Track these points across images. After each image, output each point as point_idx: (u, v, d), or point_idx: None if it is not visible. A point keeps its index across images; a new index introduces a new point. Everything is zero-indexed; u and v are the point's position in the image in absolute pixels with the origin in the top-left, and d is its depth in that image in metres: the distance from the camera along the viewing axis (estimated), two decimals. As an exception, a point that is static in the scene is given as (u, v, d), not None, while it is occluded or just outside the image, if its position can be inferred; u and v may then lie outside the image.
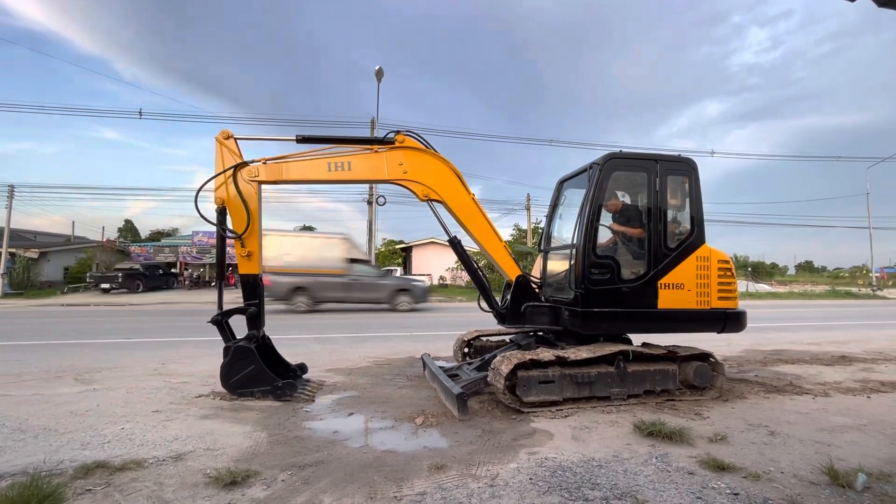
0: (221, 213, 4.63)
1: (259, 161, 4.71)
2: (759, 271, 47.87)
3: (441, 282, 30.94)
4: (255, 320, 4.72)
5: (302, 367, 5.21)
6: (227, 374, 4.41)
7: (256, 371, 4.41)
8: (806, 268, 79.10)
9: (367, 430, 3.65)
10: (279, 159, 4.75)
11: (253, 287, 4.74)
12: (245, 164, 4.67)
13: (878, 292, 29.09)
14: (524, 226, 31.37)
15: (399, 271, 28.52)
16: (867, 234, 32.71)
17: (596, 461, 2.98)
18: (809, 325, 11.83)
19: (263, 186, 4.83)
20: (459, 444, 3.33)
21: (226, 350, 4.48)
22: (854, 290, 30.81)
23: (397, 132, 4.84)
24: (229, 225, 4.65)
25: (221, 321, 4.59)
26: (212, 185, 4.68)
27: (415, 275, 28.56)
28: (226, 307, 4.62)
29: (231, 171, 4.59)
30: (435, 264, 31.23)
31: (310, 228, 57.84)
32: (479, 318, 5.02)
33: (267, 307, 5.09)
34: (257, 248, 4.72)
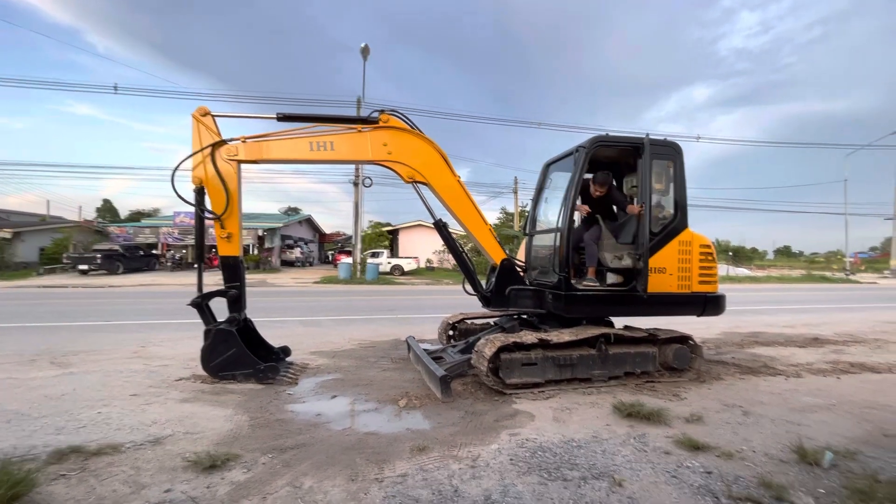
0: (199, 192, 4.50)
1: (238, 139, 4.56)
2: (740, 256, 49.00)
3: (428, 264, 30.95)
4: (237, 303, 4.65)
5: (285, 350, 5.17)
6: (207, 357, 4.36)
7: (238, 354, 4.36)
8: (784, 252, 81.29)
9: (351, 413, 3.65)
10: (259, 138, 4.61)
11: (234, 269, 4.65)
12: (223, 142, 4.52)
13: (851, 277, 30.04)
14: (511, 209, 31.38)
15: (386, 254, 28.40)
16: (843, 221, 33.61)
17: (575, 442, 3.03)
18: (786, 308, 12.17)
19: (245, 166, 4.69)
20: (442, 425, 3.36)
21: (206, 333, 4.41)
22: (829, 274, 31.76)
23: (381, 111, 4.73)
24: (208, 205, 4.54)
25: (201, 304, 4.51)
26: (189, 163, 4.53)
27: (402, 257, 28.50)
28: (207, 289, 4.53)
29: (209, 149, 4.45)
30: (422, 247, 31.16)
31: (295, 210, 57.04)
32: (465, 301, 5.03)
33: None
34: (238, 229, 4.61)
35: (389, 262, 26.56)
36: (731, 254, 44.49)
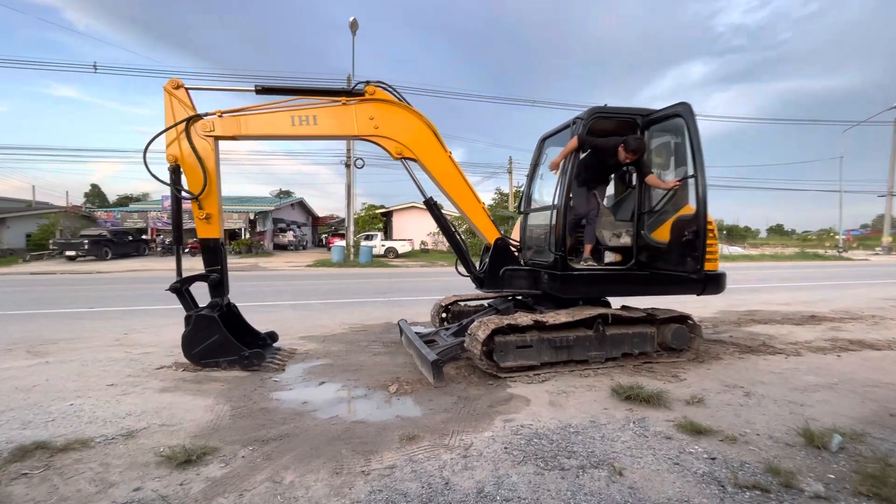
0: (175, 171, 4.24)
1: (214, 114, 4.28)
2: (734, 234, 49.18)
3: (422, 246, 30.73)
4: (218, 287, 4.44)
5: (272, 336, 4.99)
6: (189, 344, 4.17)
7: (221, 340, 4.17)
8: (777, 230, 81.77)
9: (338, 400, 3.50)
10: (237, 112, 4.32)
11: (214, 252, 4.42)
12: (198, 116, 4.23)
13: (844, 254, 30.23)
14: (506, 189, 31.08)
15: (380, 236, 28.12)
16: (836, 198, 33.66)
17: (573, 427, 2.90)
18: (780, 285, 12.14)
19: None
20: (433, 412, 3.22)
21: (187, 319, 4.22)
22: (821, 251, 31.94)
23: (367, 83, 4.45)
24: (185, 185, 4.28)
25: (181, 289, 4.30)
26: (163, 141, 4.25)
27: (396, 240, 28.24)
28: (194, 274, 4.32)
29: (183, 125, 4.17)
30: (416, 229, 30.87)
31: (287, 193, 56.29)
32: (459, 283, 4.86)
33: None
34: (217, 209, 4.36)
35: (383, 245, 26.30)
36: (725, 232, 44.62)
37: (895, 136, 33.69)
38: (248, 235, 29.30)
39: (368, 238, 26.54)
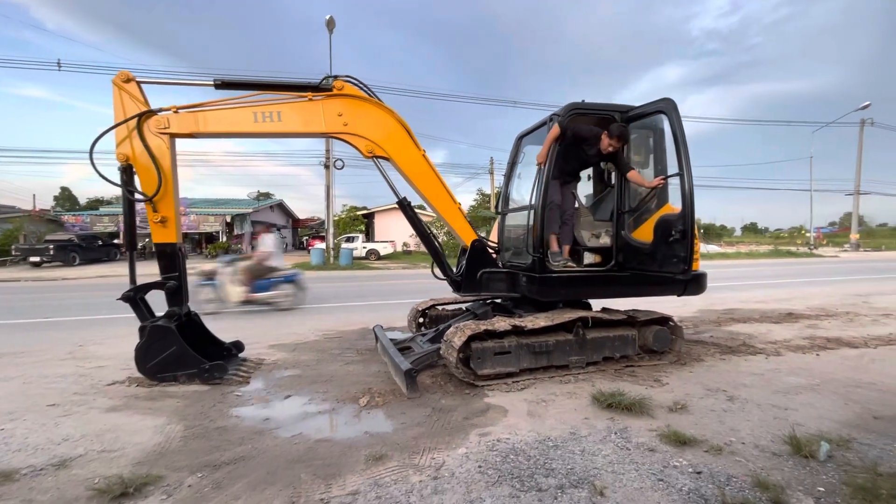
0: (126, 171, 3.94)
1: (169, 109, 3.99)
2: (710, 233, 50.28)
3: (405, 248, 30.44)
4: (176, 295, 4.14)
5: (238, 346, 4.71)
6: (143, 358, 3.87)
7: (178, 352, 3.88)
8: (751, 229, 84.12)
9: (304, 416, 3.25)
10: (194, 108, 4.04)
11: (171, 258, 4.13)
12: (151, 112, 3.94)
13: (815, 251, 31.13)
14: (488, 190, 31.03)
15: (361, 238, 27.71)
16: (807, 197, 34.65)
17: (552, 441, 2.73)
18: (756, 283, 12.32)
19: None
20: (405, 426, 3.01)
21: (141, 330, 3.92)
22: (794, 249, 32.84)
23: (335, 77, 4.22)
24: (138, 186, 3.98)
25: (134, 297, 4.00)
26: (114, 139, 3.94)
27: (378, 241, 27.88)
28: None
29: (134, 121, 3.87)
30: (399, 230, 30.48)
31: (267, 195, 55.22)
32: (441, 286, 4.66)
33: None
34: (174, 212, 4.08)
35: (365, 247, 25.92)
36: (702, 231, 45.54)
37: (861, 137, 34.91)
38: (224, 239, 28.52)
39: (350, 240, 26.11)
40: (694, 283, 4.30)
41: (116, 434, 2.87)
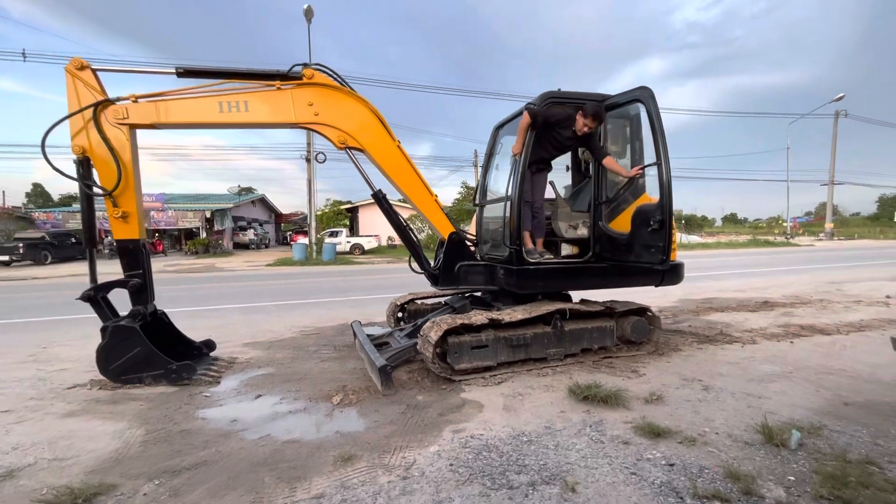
0: (83, 164, 3.75)
1: (127, 99, 3.79)
2: (692, 223, 51.14)
3: (390, 242, 30.21)
4: (141, 293, 3.97)
5: (209, 344, 4.55)
6: (105, 359, 3.70)
7: (144, 353, 3.73)
8: (731, 219, 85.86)
9: (273, 416, 3.14)
10: (155, 97, 3.85)
11: (134, 255, 3.95)
12: (109, 102, 3.74)
13: (791, 240, 31.91)
14: (472, 183, 30.92)
15: (345, 233, 27.40)
16: (784, 187, 35.46)
17: (526, 436, 2.68)
18: (735, 272, 12.53)
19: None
20: (378, 425, 2.93)
21: (103, 331, 3.74)
22: (771, 238, 33.61)
23: (305, 65, 4.06)
24: (97, 180, 3.80)
25: (95, 296, 3.82)
26: (70, 130, 3.73)
27: (362, 236, 27.61)
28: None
29: (90, 111, 3.67)
30: (384, 225, 30.17)
31: (249, 190, 54.18)
32: (425, 280, 4.56)
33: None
34: (135, 207, 3.89)
35: (349, 241, 25.64)
36: (683, 222, 46.29)
37: (836, 128, 35.76)
38: (205, 235, 27.92)
39: (333, 235, 25.81)
40: (672, 273, 4.30)
41: (71, 441, 2.73)
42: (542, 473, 2.24)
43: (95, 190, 3.81)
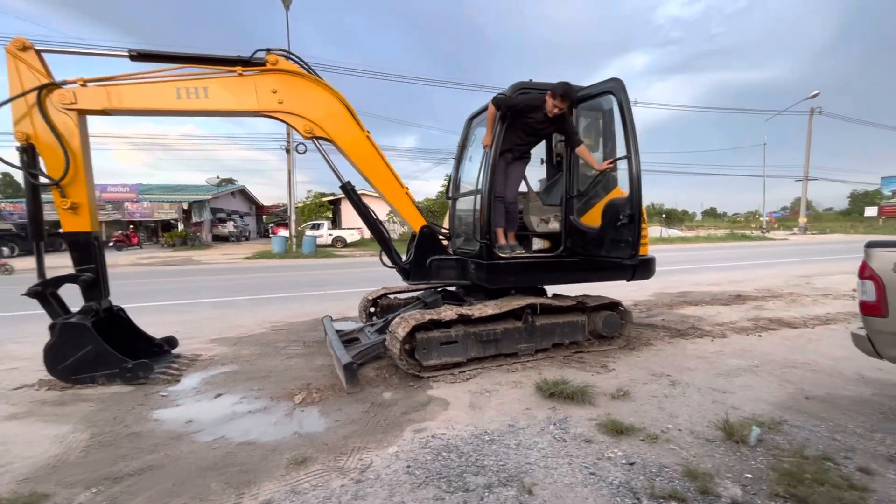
0: (27, 152, 3.52)
1: (75, 82, 3.57)
2: (672, 218, 52.00)
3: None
4: (93, 289, 3.78)
5: (171, 341, 4.39)
6: (53, 358, 3.52)
7: (96, 351, 3.55)
8: (710, 213, 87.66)
9: (231, 416, 3.03)
10: (105, 81, 3.64)
11: (85, 248, 3.76)
12: (54, 85, 3.52)
13: (767, 234, 32.71)
14: (457, 176, 30.76)
15: (327, 225, 27.00)
16: (761, 182, 36.24)
17: (488, 435, 2.62)
18: (712, 266, 12.73)
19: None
20: (339, 424, 2.84)
21: (51, 328, 3.55)
22: (748, 232, 34.39)
23: (268, 51, 3.89)
24: (43, 168, 3.58)
25: (43, 292, 3.62)
26: (12, 115, 3.50)
27: (344, 228, 27.25)
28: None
29: (33, 95, 3.45)
30: (366, 217, 29.94)
31: (229, 181, 53.01)
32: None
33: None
34: (86, 197, 3.69)
35: (331, 234, 25.26)
36: (664, 216, 47.01)
37: (811, 125, 36.60)
38: (182, 227, 27.21)
39: (315, 227, 25.38)
40: (642, 268, 4.28)
41: (7, 446, 2.57)
42: (501, 475, 2.19)
43: (42, 179, 3.59)
